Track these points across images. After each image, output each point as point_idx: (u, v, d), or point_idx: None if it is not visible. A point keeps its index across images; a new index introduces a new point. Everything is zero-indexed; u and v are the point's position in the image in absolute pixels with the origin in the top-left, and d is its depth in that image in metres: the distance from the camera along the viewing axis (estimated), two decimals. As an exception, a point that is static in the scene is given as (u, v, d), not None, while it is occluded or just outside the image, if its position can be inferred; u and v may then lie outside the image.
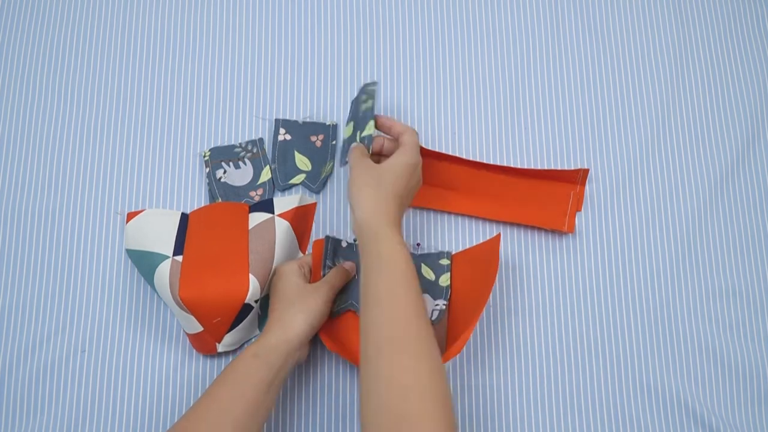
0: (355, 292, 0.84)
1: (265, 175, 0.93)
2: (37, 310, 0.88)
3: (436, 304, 0.85)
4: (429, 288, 0.86)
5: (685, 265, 0.91)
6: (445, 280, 0.87)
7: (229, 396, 0.74)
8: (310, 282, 0.85)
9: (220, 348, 0.85)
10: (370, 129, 0.84)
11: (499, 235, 0.86)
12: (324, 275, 0.85)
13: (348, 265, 0.87)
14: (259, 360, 0.76)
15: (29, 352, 0.86)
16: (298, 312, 0.79)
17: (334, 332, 0.83)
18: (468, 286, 0.86)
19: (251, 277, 0.83)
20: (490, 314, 0.88)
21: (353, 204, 0.79)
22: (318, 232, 0.92)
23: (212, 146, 0.95)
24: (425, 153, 0.93)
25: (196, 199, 0.93)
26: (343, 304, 0.84)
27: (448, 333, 0.85)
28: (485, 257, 0.85)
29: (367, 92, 0.89)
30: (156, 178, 0.94)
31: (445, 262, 0.88)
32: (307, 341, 0.80)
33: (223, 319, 0.82)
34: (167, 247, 0.86)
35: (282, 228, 0.87)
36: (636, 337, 0.88)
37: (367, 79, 0.98)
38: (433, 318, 0.84)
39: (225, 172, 0.93)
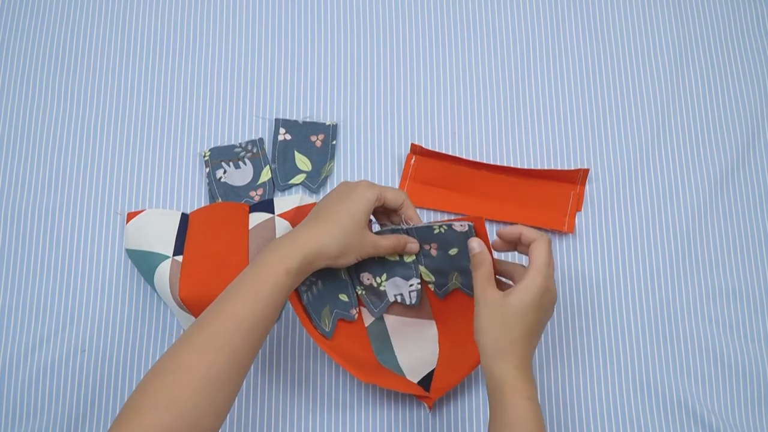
0: (337, 301, 0.83)
1: (265, 175, 0.93)
2: (37, 310, 0.88)
3: (410, 285, 0.83)
4: (396, 270, 0.83)
5: (685, 265, 0.91)
6: (408, 256, 0.83)
7: (247, 310, 0.70)
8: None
9: (220, 348, 0.84)
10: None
11: (480, 220, 0.77)
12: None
13: (404, 240, 0.80)
14: (291, 277, 0.72)
15: (29, 352, 0.86)
16: (347, 249, 0.76)
17: (341, 351, 0.81)
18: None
19: (251, 277, 0.82)
20: (490, 314, 0.88)
21: (479, 347, 0.74)
22: (318, 232, 0.92)
23: (212, 146, 0.95)
24: (425, 153, 0.93)
25: (196, 199, 0.93)
26: (330, 317, 0.82)
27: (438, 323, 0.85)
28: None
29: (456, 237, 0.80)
30: (156, 178, 0.94)
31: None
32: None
33: (223, 319, 0.82)
34: (167, 247, 0.86)
35: (282, 228, 0.87)
36: (636, 337, 0.88)
37: (367, 78, 0.98)
38: (413, 301, 0.83)
39: (225, 172, 0.93)
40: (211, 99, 0.97)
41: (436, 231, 0.80)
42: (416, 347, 0.85)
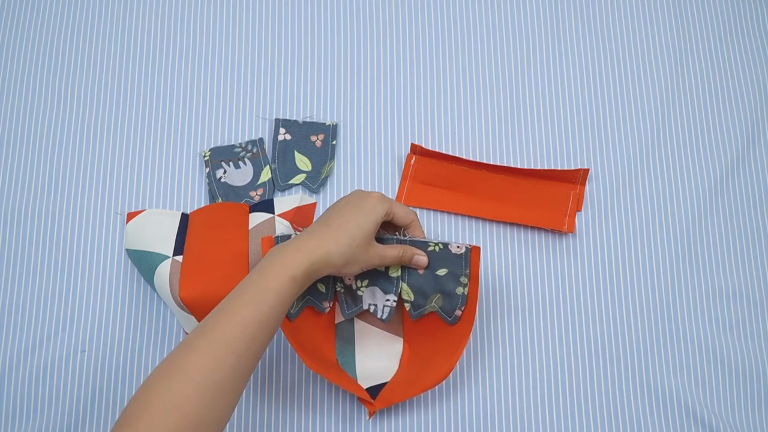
0: (313, 289, 0.82)
1: (265, 175, 0.93)
2: (37, 310, 0.88)
3: (387, 299, 0.82)
4: (379, 281, 0.82)
5: (685, 265, 0.91)
6: (395, 270, 0.82)
7: (251, 316, 0.70)
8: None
9: (220, 348, 0.84)
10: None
11: (477, 248, 0.80)
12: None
13: (411, 251, 0.81)
14: (296, 284, 0.73)
15: (29, 352, 0.86)
16: (352, 259, 0.76)
17: (300, 336, 0.81)
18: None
19: (251, 277, 0.82)
20: (489, 314, 0.88)
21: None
22: (318, 232, 0.92)
23: (212, 146, 0.95)
24: (425, 153, 0.93)
25: (196, 199, 0.93)
26: (300, 302, 0.81)
27: (407, 340, 0.84)
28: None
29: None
30: (156, 178, 0.94)
31: None
32: None
33: (223, 319, 0.82)
34: (167, 247, 0.86)
35: (282, 228, 0.87)
36: (636, 337, 0.88)
37: (367, 78, 0.98)
38: (384, 317, 0.82)
39: (225, 172, 0.93)
40: (211, 99, 0.97)
41: (431, 248, 0.80)
42: (377, 357, 0.84)
